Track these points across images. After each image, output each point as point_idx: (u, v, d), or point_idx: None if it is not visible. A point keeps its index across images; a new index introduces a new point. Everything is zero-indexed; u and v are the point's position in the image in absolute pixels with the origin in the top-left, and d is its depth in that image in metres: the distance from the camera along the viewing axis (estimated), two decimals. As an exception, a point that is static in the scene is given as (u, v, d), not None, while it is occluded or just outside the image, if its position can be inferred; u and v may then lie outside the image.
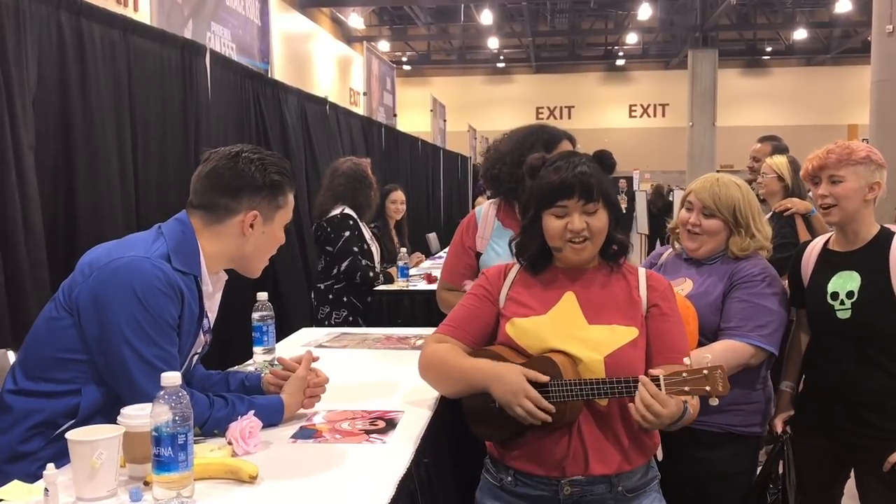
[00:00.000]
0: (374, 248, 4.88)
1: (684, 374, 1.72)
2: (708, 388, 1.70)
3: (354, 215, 4.67)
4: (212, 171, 1.93)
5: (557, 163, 1.96)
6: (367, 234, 4.78)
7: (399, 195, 5.92)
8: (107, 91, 3.30)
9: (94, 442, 1.45)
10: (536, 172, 2.00)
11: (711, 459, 2.40)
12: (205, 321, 1.98)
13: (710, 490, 2.41)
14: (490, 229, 2.78)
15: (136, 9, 10.50)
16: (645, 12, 20.57)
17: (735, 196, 2.45)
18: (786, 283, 2.70)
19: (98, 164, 3.20)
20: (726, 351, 2.32)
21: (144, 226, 2.02)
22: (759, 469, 2.53)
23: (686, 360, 1.78)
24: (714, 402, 1.72)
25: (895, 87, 11.33)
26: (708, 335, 2.38)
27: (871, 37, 11.92)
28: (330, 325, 4.48)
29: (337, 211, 4.63)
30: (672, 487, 2.12)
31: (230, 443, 1.77)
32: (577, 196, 1.89)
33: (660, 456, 2.05)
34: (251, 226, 1.92)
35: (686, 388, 1.72)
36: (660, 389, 1.72)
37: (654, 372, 1.75)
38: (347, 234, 4.57)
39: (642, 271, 2.02)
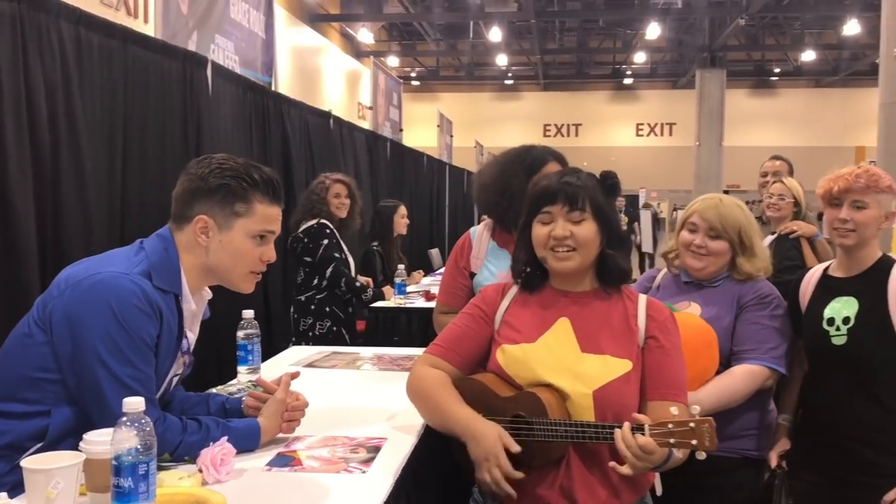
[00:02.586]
0: (352, 261, 4.80)
1: (670, 426, 1.64)
2: (694, 441, 1.62)
3: (330, 225, 4.60)
4: (180, 180, 1.88)
5: (551, 175, 1.93)
6: (343, 245, 4.72)
7: (405, 210, 5.87)
8: (102, 101, 3.25)
9: (49, 471, 1.38)
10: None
11: (723, 485, 2.34)
12: (184, 342, 1.91)
13: None
14: (485, 249, 2.73)
15: (146, 20, 10.54)
16: (653, 32, 20.57)
17: (739, 217, 2.42)
18: None
19: (90, 176, 3.15)
20: (745, 376, 2.30)
21: (132, 241, 1.94)
22: None
23: (673, 410, 1.69)
24: (701, 456, 1.65)
25: (903, 111, 11.29)
26: (721, 360, 2.32)
27: (879, 59, 11.89)
28: (313, 336, 4.42)
29: (312, 222, 4.57)
30: None
31: (201, 470, 1.70)
32: (560, 202, 1.84)
33: (658, 490, 1.98)
34: (204, 234, 1.84)
35: (671, 441, 1.64)
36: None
37: (640, 418, 1.67)
38: (326, 241, 4.52)
39: (643, 299, 1.94)
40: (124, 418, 1.38)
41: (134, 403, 1.38)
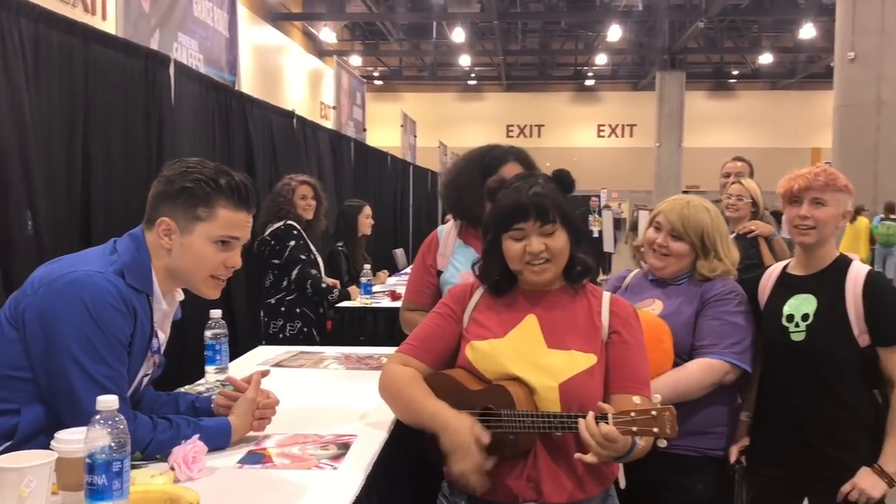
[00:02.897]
0: (321, 261, 4.80)
1: (633, 414, 1.68)
2: (656, 429, 1.66)
3: (298, 226, 4.60)
4: (154, 183, 1.88)
5: (514, 184, 1.94)
6: (311, 246, 4.71)
7: (370, 210, 5.87)
8: (61, 100, 3.21)
9: (22, 469, 1.37)
10: (495, 196, 1.97)
11: (689, 484, 2.37)
12: (155, 341, 1.90)
13: None
14: (451, 248, 2.76)
15: (104, 17, 10.39)
16: (615, 34, 20.82)
17: (704, 220, 2.44)
18: None
19: (50, 177, 3.11)
20: (701, 368, 2.32)
21: (102, 241, 1.93)
22: None
23: (636, 400, 1.74)
24: (662, 443, 1.68)
25: (857, 112, 11.61)
26: (682, 355, 2.36)
27: (834, 63, 12.18)
28: (284, 338, 4.40)
29: (278, 224, 4.56)
30: None
31: (173, 468, 1.70)
32: (532, 218, 1.86)
33: (622, 484, 2.02)
34: (167, 236, 1.84)
35: (634, 429, 1.67)
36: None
37: (603, 407, 1.71)
38: (293, 243, 4.51)
39: (606, 296, 1.98)
40: (98, 416, 1.38)
41: (108, 401, 1.39)
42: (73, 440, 1.50)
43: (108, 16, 10.64)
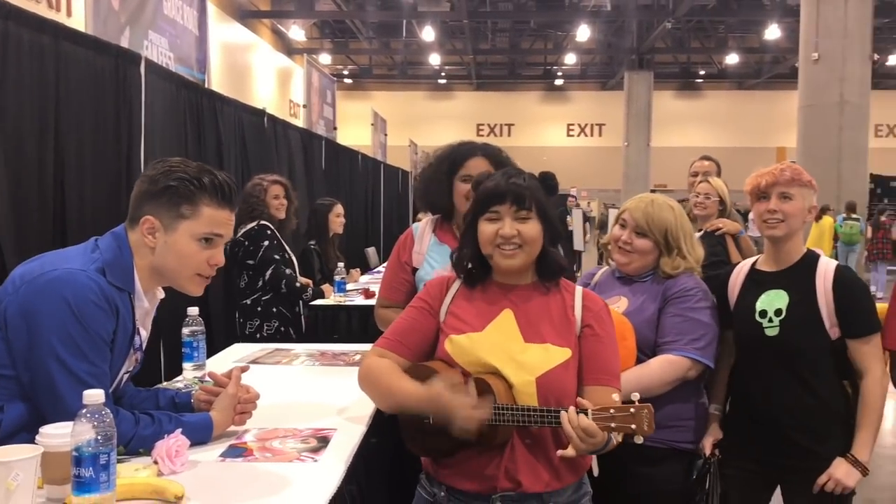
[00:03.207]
0: (295, 260, 4.81)
1: (612, 411, 1.73)
2: (633, 426, 1.71)
3: (271, 226, 4.61)
4: (136, 183, 1.90)
5: (496, 175, 1.99)
6: (286, 245, 4.72)
7: (341, 208, 5.87)
8: (31, 99, 3.20)
9: (9, 463, 1.39)
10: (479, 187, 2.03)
11: (654, 475, 2.42)
12: (136, 339, 1.92)
13: None
14: (426, 245, 2.79)
15: (69, 14, 10.26)
16: (583, 34, 20.95)
17: (667, 218, 2.50)
18: None
19: (23, 175, 3.10)
20: (663, 365, 2.37)
21: (75, 240, 1.94)
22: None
23: (615, 397, 1.79)
24: (639, 440, 1.74)
25: (820, 113, 11.82)
26: (646, 351, 2.42)
27: (799, 63, 12.39)
28: (261, 338, 4.40)
29: (251, 225, 4.57)
30: (611, 501, 2.14)
31: (156, 462, 1.72)
32: (509, 202, 1.92)
33: (595, 472, 2.07)
34: (151, 235, 1.86)
35: (612, 425, 1.72)
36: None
37: (583, 403, 1.76)
38: (266, 243, 4.51)
39: (579, 290, 2.03)
40: (84, 410, 1.40)
41: (94, 395, 1.41)
42: (57, 434, 1.52)
43: (72, 12, 10.51)
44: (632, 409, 1.71)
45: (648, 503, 2.44)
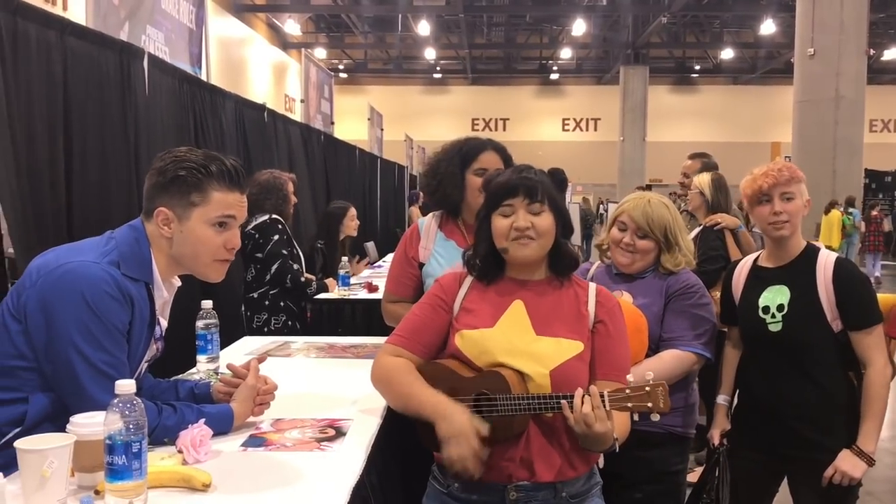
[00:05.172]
0: (302, 256, 4.84)
1: (627, 391, 1.77)
2: (650, 404, 1.75)
3: (282, 220, 4.64)
4: (147, 175, 1.93)
5: (507, 171, 2.04)
6: (293, 241, 4.74)
7: (354, 211, 5.89)
8: (42, 94, 3.21)
9: (44, 451, 1.42)
10: (489, 185, 2.06)
11: (652, 458, 2.49)
12: (157, 328, 1.96)
13: (648, 488, 2.50)
14: (433, 241, 2.82)
15: (65, 8, 10.25)
16: (579, 28, 20.98)
17: (666, 217, 2.56)
18: (717, 295, 2.81)
19: (31, 169, 3.11)
20: (674, 360, 2.45)
21: (83, 232, 1.97)
22: (688, 474, 2.63)
23: (629, 378, 1.83)
24: (655, 417, 1.78)
25: (816, 108, 11.86)
26: (651, 345, 2.48)
27: (794, 58, 12.43)
28: (268, 332, 4.43)
29: (263, 218, 4.59)
30: (612, 485, 2.19)
31: (180, 451, 1.75)
32: (521, 195, 1.95)
33: (601, 463, 2.11)
34: (167, 226, 1.89)
35: (629, 405, 1.76)
36: (604, 404, 1.77)
37: (599, 386, 1.80)
38: (276, 237, 4.53)
39: (592, 287, 2.07)
40: (116, 399, 1.43)
41: (126, 385, 1.44)
42: (89, 423, 1.56)
43: (68, 6, 10.50)
44: (647, 388, 1.75)
45: (647, 486, 2.50)
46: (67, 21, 3.57)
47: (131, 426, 1.42)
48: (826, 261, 2.47)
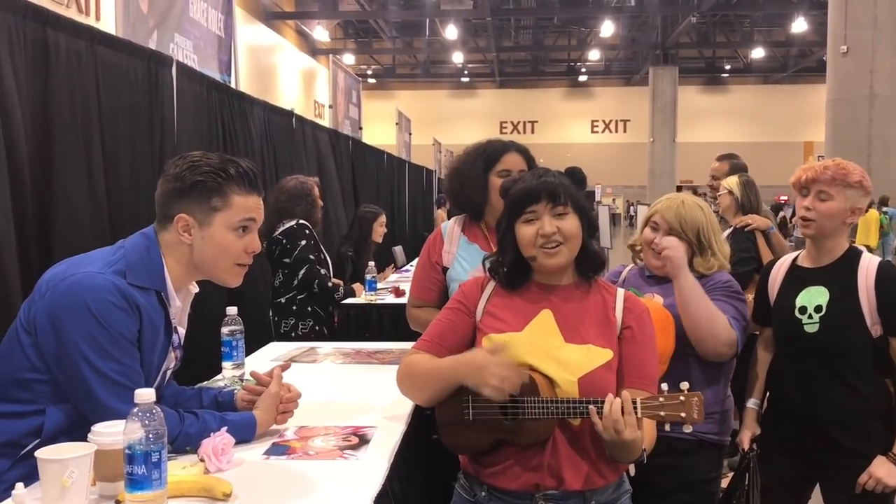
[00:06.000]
0: (330, 261, 4.84)
1: (661, 399, 1.73)
2: (683, 414, 1.70)
3: (310, 226, 4.64)
4: (159, 182, 1.92)
5: (525, 177, 1.99)
6: (321, 246, 4.75)
7: (384, 218, 5.88)
8: (73, 103, 3.24)
9: (65, 461, 1.42)
10: (509, 192, 2.02)
11: (684, 466, 2.43)
12: (175, 337, 1.95)
13: (680, 497, 2.44)
14: (456, 244, 2.80)
15: (97, 18, 10.39)
16: (607, 29, 20.86)
17: (699, 218, 2.49)
18: (750, 297, 2.75)
19: (69, 178, 3.14)
20: (723, 320, 2.35)
21: (118, 239, 1.97)
22: (721, 480, 2.57)
23: (664, 386, 1.79)
24: (688, 429, 1.73)
25: (849, 106, 11.68)
26: (687, 348, 2.41)
27: (826, 56, 12.25)
28: (296, 337, 4.44)
29: (291, 223, 4.60)
30: (642, 493, 2.14)
31: (202, 459, 1.75)
32: (544, 200, 1.91)
33: (632, 472, 2.07)
34: (187, 232, 1.88)
35: (662, 413, 1.72)
36: (636, 411, 1.73)
37: (632, 393, 1.76)
38: (304, 242, 4.53)
39: (621, 292, 2.02)
40: (135, 409, 1.43)
41: (145, 395, 1.44)
42: (109, 433, 1.55)
43: (101, 16, 10.64)
44: (681, 398, 1.71)
45: (677, 495, 2.44)
46: (97, 30, 3.60)
47: (151, 435, 1.41)
48: (869, 265, 2.40)
